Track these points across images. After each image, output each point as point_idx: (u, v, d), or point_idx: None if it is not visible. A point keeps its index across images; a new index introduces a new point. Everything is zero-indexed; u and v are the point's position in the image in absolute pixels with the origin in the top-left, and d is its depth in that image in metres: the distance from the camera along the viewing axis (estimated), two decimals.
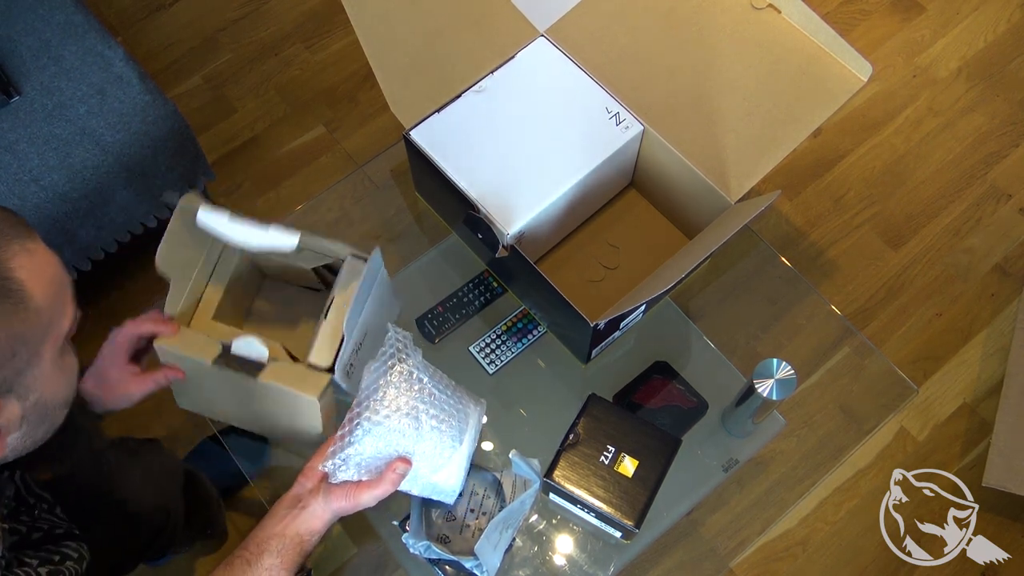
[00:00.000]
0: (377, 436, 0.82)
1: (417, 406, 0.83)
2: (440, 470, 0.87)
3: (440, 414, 0.85)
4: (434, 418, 0.84)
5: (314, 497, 0.82)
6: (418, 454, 0.84)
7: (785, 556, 1.47)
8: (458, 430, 0.87)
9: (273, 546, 0.80)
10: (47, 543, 0.84)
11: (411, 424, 0.83)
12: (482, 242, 1.06)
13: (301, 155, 1.82)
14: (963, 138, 1.82)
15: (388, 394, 0.82)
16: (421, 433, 0.83)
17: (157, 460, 1.16)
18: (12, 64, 1.41)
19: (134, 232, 1.53)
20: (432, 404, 0.84)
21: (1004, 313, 1.66)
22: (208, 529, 1.35)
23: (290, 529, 0.81)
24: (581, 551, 1.02)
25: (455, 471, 0.88)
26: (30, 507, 0.87)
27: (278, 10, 1.98)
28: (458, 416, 0.87)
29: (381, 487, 0.82)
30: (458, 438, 0.87)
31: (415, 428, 0.83)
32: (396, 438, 0.83)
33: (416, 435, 0.83)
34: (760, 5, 1.07)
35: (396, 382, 0.83)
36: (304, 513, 0.81)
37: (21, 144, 1.36)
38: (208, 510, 1.31)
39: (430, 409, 0.84)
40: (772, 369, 0.96)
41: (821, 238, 1.72)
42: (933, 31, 1.94)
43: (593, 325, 0.95)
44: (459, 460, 0.88)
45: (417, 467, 0.85)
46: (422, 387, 0.84)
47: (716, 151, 1.05)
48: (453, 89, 1.10)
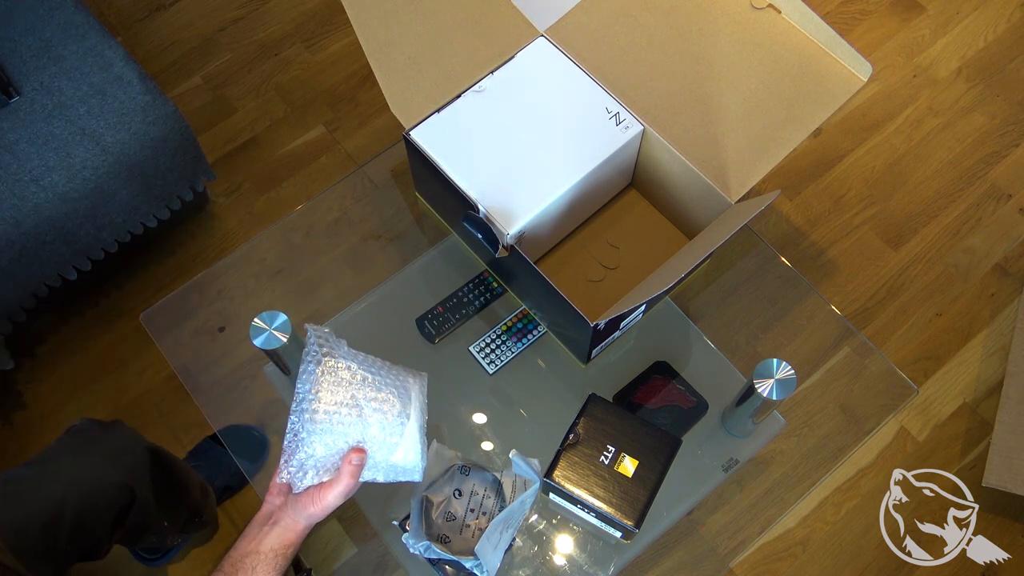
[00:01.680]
0: (323, 434, 0.82)
1: (354, 395, 0.83)
2: (396, 450, 0.86)
3: (379, 395, 0.84)
4: (373, 400, 0.84)
5: (283, 511, 0.82)
6: (369, 440, 0.84)
7: (785, 556, 1.47)
8: (402, 406, 0.86)
9: (248, 563, 0.80)
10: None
11: (353, 414, 0.82)
12: (482, 242, 1.06)
13: (301, 155, 1.82)
14: (963, 138, 1.82)
15: (322, 392, 0.82)
16: (365, 419, 0.83)
17: (117, 438, 1.14)
18: (12, 64, 1.41)
19: (134, 232, 1.53)
20: (369, 388, 0.84)
21: (1004, 313, 1.66)
22: (197, 517, 1.34)
23: (264, 545, 0.81)
24: (581, 551, 1.02)
25: (411, 447, 0.87)
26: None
27: (278, 10, 1.98)
28: (398, 393, 0.87)
29: (343, 483, 0.82)
30: (403, 413, 0.86)
31: (358, 416, 0.83)
32: (343, 431, 0.82)
33: (361, 423, 0.83)
34: (760, 5, 1.07)
35: (327, 378, 0.83)
36: (276, 528, 0.82)
37: (21, 144, 1.36)
38: (189, 494, 1.29)
39: (368, 393, 0.83)
40: (772, 369, 0.96)
41: (821, 238, 1.72)
42: (933, 31, 1.94)
43: (593, 325, 0.95)
44: (412, 435, 0.87)
45: (372, 453, 0.85)
46: (353, 375, 0.84)
47: (716, 151, 1.05)
48: (453, 89, 1.10)
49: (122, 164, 1.41)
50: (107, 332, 1.65)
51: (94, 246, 1.48)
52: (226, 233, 1.74)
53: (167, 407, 1.59)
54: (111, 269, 1.64)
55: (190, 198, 1.59)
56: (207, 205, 1.76)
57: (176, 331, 1.16)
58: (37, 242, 1.38)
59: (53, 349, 1.63)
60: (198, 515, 1.35)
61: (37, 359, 1.63)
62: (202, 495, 1.35)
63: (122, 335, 1.64)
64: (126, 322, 1.65)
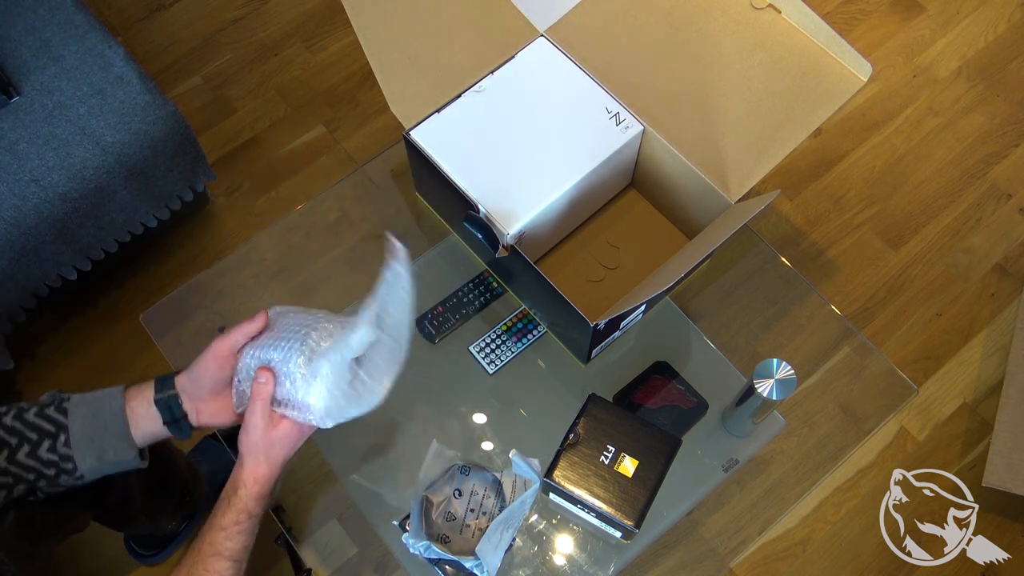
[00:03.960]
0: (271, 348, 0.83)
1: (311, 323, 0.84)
2: (308, 388, 0.83)
3: (281, 335, 0.84)
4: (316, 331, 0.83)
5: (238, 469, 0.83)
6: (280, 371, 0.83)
7: (785, 556, 1.47)
8: (303, 348, 0.83)
9: (223, 506, 0.81)
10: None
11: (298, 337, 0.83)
12: (482, 242, 1.06)
13: (301, 155, 1.82)
14: (963, 138, 1.82)
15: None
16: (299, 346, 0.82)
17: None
18: (12, 64, 1.41)
19: (134, 232, 1.53)
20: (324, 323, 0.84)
21: (1004, 313, 1.66)
22: (187, 496, 1.33)
23: (231, 486, 0.82)
24: (581, 551, 1.02)
25: (320, 390, 0.82)
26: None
27: (278, 10, 1.98)
28: (300, 335, 0.84)
29: (253, 402, 0.81)
30: (299, 353, 0.82)
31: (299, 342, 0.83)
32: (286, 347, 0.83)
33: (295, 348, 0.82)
34: (760, 5, 1.07)
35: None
36: (229, 485, 0.82)
37: (21, 144, 1.36)
38: (172, 466, 1.26)
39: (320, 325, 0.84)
40: (772, 369, 0.96)
41: (821, 238, 1.72)
42: (933, 31, 1.94)
43: (593, 325, 0.95)
44: (324, 374, 0.83)
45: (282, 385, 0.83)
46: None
47: (716, 151, 1.05)
48: (453, 89, 1.10)
49: (122, 164, 1.41)
50: (107, 332, 1.65)
51: (94, 246, 1.48)
52: (226, 233, 1.74)
53: None
54: (111, 269, 1.64)
55: (190, 198, 1.59)
56: (207, 205, 1.76)
57: (176, 331, 1.16)
58: (37, 242, 1.38)
59: (53, 349, 1.63)
60: (188, 494, 1.33)
61: (37, 359, 1.63)
62: (189, 473, 1.34)
63: (122, 335, 1.64)
64: (126, 322, 1.65)
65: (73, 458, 0.82)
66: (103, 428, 0.83)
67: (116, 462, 0.84)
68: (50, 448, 0.82)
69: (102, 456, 0.83)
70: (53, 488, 0.85)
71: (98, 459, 0.83)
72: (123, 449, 0.84)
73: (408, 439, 1.08)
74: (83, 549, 1.46)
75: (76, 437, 0.82)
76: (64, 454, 0.82)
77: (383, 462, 1.08)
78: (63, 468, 0.83)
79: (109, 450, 0.83)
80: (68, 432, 0.82)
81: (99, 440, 0.83)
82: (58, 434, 0.82)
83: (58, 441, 0.82)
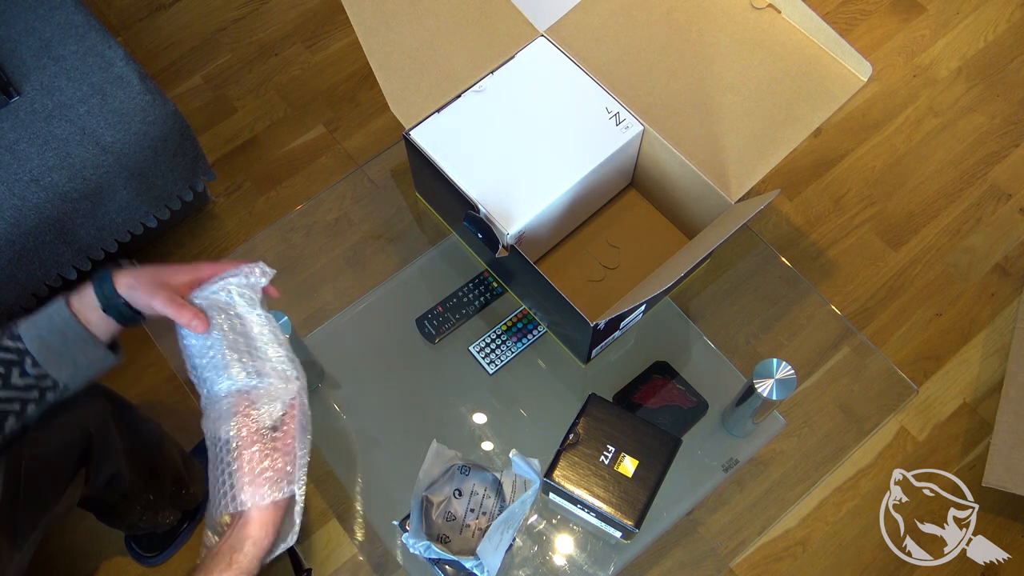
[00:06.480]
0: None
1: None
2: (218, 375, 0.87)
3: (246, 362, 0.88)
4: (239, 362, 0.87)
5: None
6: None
7: (785, 556, 1.47)
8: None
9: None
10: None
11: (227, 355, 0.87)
12: (482, 242, 1.06)
13: (301, 155, 1.82)
14: (963, 138, 1.82)
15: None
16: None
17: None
18: (12, 64, 1.41)
19: (134, 232, 1.53)
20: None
21: (1004, 313, 1.66)
22: (184, 489, 1.33)
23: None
24: (581, 551, 1.02)
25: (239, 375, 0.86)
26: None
27: (278, 10, 1.98)
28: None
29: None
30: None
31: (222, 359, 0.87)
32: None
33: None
34: (760, 5, 1.07)
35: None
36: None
37: (21, 144, 1.36)
38: (163, 456, 1.25)
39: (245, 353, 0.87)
40: (772, 369, 0.96)
41: (821, 238, 1.72)
42: (933, 31, 1.94)
43: (593, 325, 0.95)
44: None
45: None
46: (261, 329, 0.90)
47: (716, 151, 1.05)
48: (453, 89, 1.10)
49: (122, 164, 1.41)
50: None
51: (94, 246, 1.48)
52: (226, 233, 1.74)
53: (167, 407, 1.59)
54: None
55: (190, 198, 1.59)
56: (207, 205, 1.76)
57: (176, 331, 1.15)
58: (37, 242, 1.38)
59: None
60: (184, 486, 1.32)
61: None
62: (184, 463, 1.33)
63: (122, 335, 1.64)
64: None
65: (48, 375, 0.83)
66: (63, 339, 0.82)
67: (92, 363, 0.85)
68: (20, 374, 0.82)
69: (76, 362, 0.84)
70: (44, 407, 0.86)
71: (73, 365, 0.84)
72: (91, 350, 0.84)
73: (408, 439, 1.08)
74: (83, 550, 1.46)
75: (42, 356, 0.82)
76: (37, 374, 0.82)
77: (383, 462, 1.08)
78: (43, 386, 0.83)
79: (79, 355, 0.83)
80: (29, 355, 0.82)
81: (66, 351, 0.83)
82: (22, 360, 0.82)
83: (25, 365, 0.82)
